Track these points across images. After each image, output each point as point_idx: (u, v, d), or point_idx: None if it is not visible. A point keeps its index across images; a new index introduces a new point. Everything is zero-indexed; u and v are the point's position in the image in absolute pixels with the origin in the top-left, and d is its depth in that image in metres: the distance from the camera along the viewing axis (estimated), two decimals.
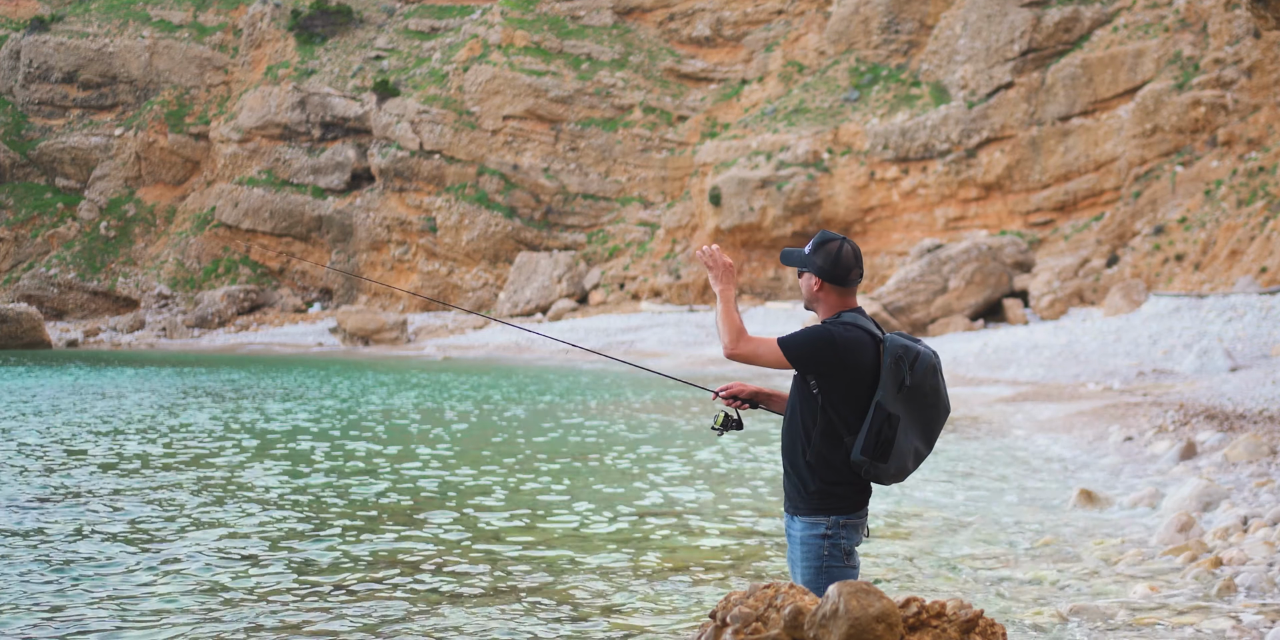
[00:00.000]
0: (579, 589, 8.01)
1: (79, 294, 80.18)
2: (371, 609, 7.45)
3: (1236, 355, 25.07)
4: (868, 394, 4.31)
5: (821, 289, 4.43)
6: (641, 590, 8.00)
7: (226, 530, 10.01)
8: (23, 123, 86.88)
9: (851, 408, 4.30)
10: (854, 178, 62.02)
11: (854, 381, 4.30)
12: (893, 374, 4.30)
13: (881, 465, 4.28)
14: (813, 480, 4.31)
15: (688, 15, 78.52)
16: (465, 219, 73.85)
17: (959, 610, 3.57)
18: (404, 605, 7.55)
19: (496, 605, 7.57)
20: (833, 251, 4.41)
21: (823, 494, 4.30)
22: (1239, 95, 49.02)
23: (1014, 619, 7.06)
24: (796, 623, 3.53)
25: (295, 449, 16.46)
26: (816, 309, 4.48)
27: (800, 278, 4.52)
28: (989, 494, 12.26)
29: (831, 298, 4.44)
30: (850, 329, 4.34)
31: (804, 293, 4.51)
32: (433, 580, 8.26)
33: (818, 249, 4.43)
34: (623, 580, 8.29)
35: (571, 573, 8.50)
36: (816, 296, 4.46)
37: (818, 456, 4.30)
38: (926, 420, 4.40)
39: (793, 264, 4.52)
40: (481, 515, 10.97)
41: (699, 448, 16.96)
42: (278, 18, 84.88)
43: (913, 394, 4.34)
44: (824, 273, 4.40)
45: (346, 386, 31.71)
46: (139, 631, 6.93)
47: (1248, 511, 9.49)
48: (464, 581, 8.23)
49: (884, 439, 4.25)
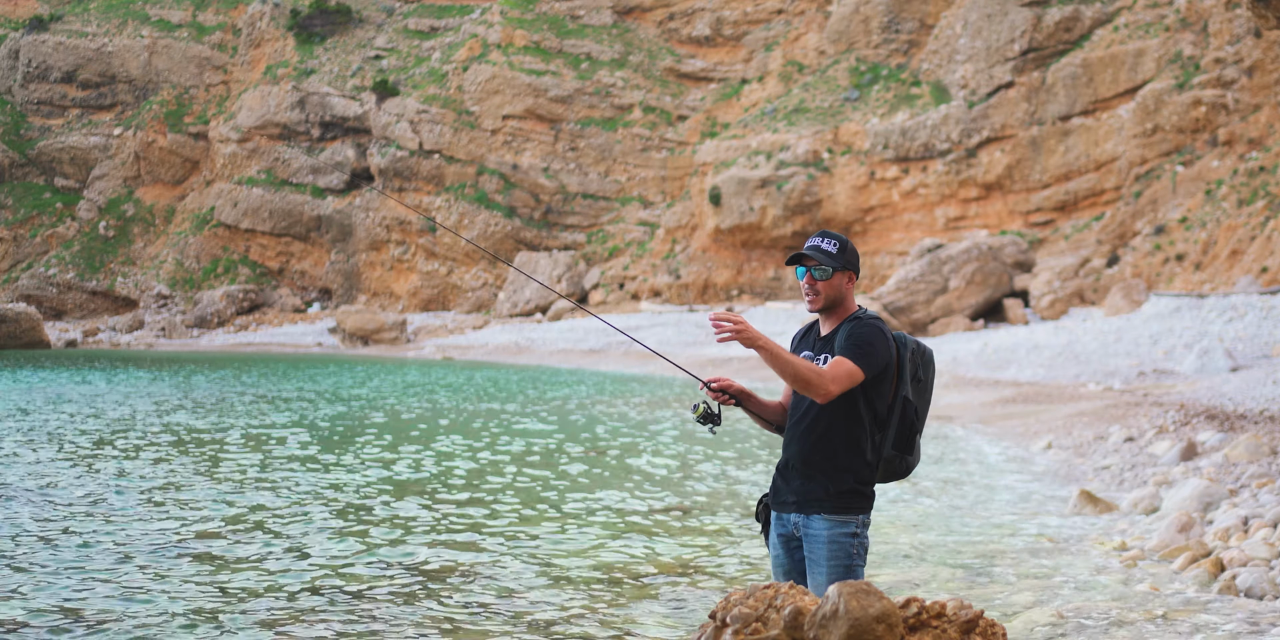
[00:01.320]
0: (576, 590, 7.97)
1: (78, 294, 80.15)
2: (361, 614, 7.41)
3: (1237, 355, 25.04)
4: (891, 388, 4.35)
5: (850, 285, 4.46)
6: (640, 591, 7.97)
7: (227, 530, 9.98)
8: (22, 122, 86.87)
9: (883, 402, 4.34)
10: (854, 177, 62.00)
11: (887, 375, 4.34)
12: (910, 367, 4.38)
13: (909, 458, 4.37)
14: (847, 480, 4.32)
15: (687, 15, 78.51)
16: (465, 219, 73.82)
17: (959, 611, 3.55)
18: (395, 608, 7.51)
19: (492, 607, 7.53)
20: (852, 246, 4.46)
21: (855, 493, 4.32)
22: (1240, 95, 48.99)
23: (1014, 619, 7.04)
24: (796, 623, 3.51)
25: (282, 446, 16.41)
26: (838, 308, 4.45)
27: (829, 280, 4.40)
28: (989, 494, 12.23)
29: (852, 293, 4.49)
30: (883, 322, 4.40)
31: (831, 294, 4.41)
32: (426, 583, 8.22)
33: (845, 246, 4.43)
34: (620, 580, 8.26)
35: (568, 573, 8.46)
36: (845, 294, 4.45)
37: (861, 456, 4.32)
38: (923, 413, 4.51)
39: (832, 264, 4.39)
40: (476, 515, 10.93)
41: (697, 447, 16.93)
42: (277, 17, 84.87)
43: (921, 387, 4.44)
44: (856, 268, 4.44)
45: (346, 384, 31.68)
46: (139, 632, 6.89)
47: (1249, 512, 9.48)
48: (459, 584, 8.19)
49: (912, 431, 4.34)
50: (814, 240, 4.45)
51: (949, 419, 20.81)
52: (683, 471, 14.35)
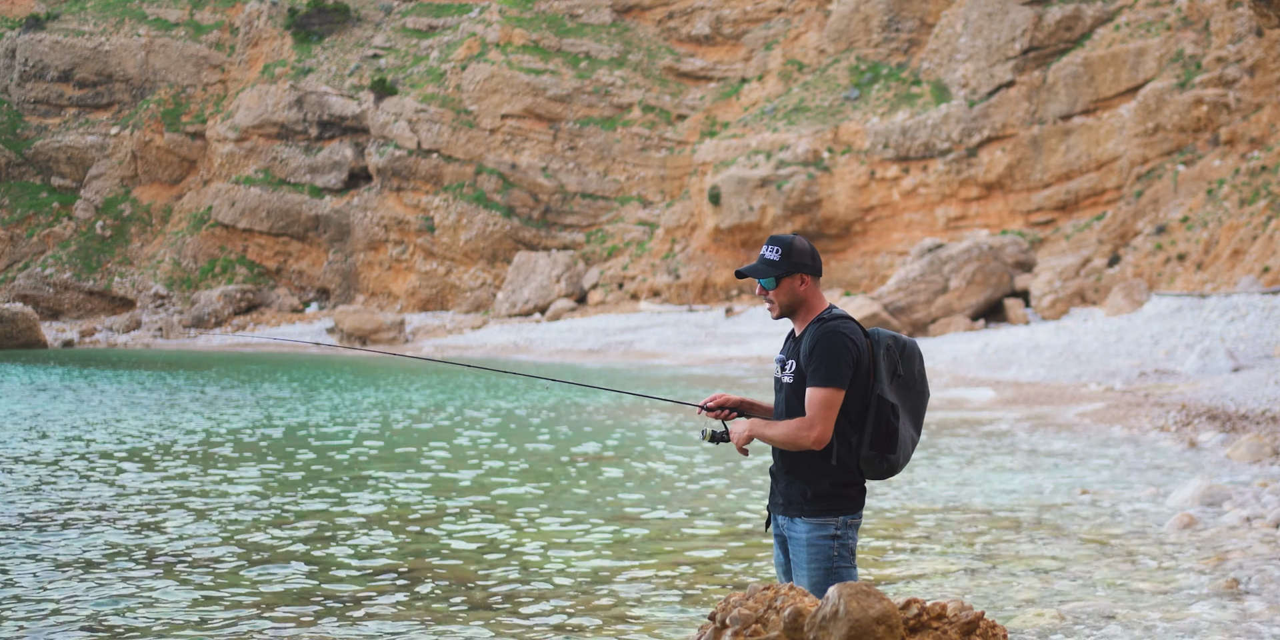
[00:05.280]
0: (576, 592, 7.95)
1: (75, 294, 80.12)
2: (360, 617, 7.35)
3: (1239, 355, 24.97)
4: (865, 387, 4.30)
5: (807, 287, 4.39)
6: (640, 593, 7.93)
7: (224, 532, 9.90)
8: (18, 121, 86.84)
9: (855, 403, 4.30)
10: (854, 177, 61.98)
11: (858, 375, 4.29)
12: (886, 364, 4.33)
13: (891, 457, 4.31)
14: (824, 483, 4.31)
15: (687, 13, 78.49)
16: (463, 218, 73.81)
17: (959, 612, 3.57)
18: (393, 612, 7.45)
19: (492, 611, 7.50)
20: (804, 246, 4.41)
21: (833, 496, 4.32)
22: (1241, 94, 48.95)
23: (1014, 620, 6.97)
24: (796, 624, 3.52)
25: (279, 451, 16.34)
26: (799, 311, 4.41)
27: (776, 288, 4.38)
28: (988, 494, 12.14)
29: (815, 293, 4.42)
30: (848, 321, 4.34)
31: (784, 300, 4.39)
32: (425, 586, 8.17)
33: (790, 249, 4.37)
34: (621, 583, 8.24)
35: (567, 576, 8.44)
36: (803, 297, 4.40)
37: (836, 458, 4.30)
38: (915, 407, 4.43)
39: (771, 274, 4.36)
40: (474, 520, 10.90)
41: (694, 450, 16.86)
42: (275, 16, 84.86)
43: (904, 383, 4.38)
44: (809, 268, 4.37)
45: (345, 385, 31.61)
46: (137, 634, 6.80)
47: (1250, 512, 9.46)
48: (458, 588, 8.14)
49: (890, 429, 4.29)
50: (763, 250, 4.44)
51: (948, 420, 20.71)
52: (683, 472, 14.28)
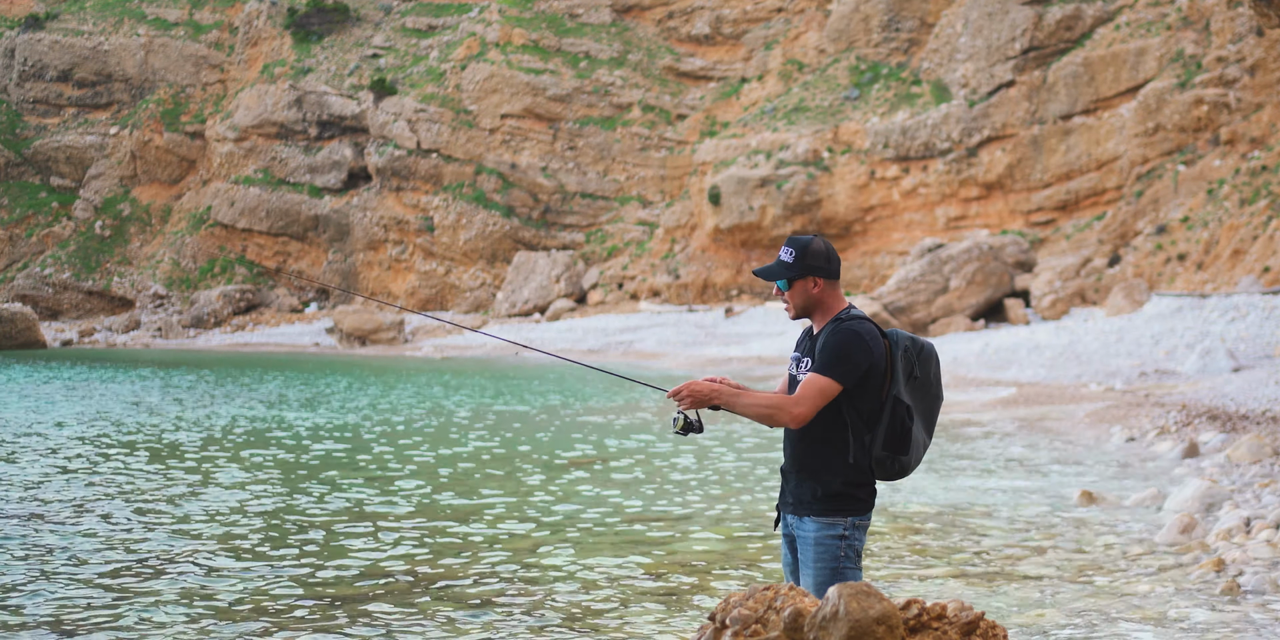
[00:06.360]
0: (575, 593, 7.93)
1: (74, 294, 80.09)
2: (358, 618, 7.32)
3: (1239, 355, 24.94)
4: (880, 387, 4.31)
5: (821, 289, 4.41)
6: (639, 593, 7.92)
7: (219, 531, 9.88)
8: (17, 121, 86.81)
9: (869, 403, 4.31)
10: (854, 177, 61.95)
11: (873, 375, 4.30)
12: (904, 365, 4.34)
13: (903, 458, 4.31)
14: (836, 482, 4.31)
15: (687, 13, 78.47)
16: (463, 218, 73.79)
17: (960, 612, 3.55)
18: (390, 613, 7.43)
19: (492, 612, 7.48)
20: (820, 248, 4.42)
21: (844, 496, 4.32)
22: (1242, 94, 48.93)
23: (1014, 621, 6.96)
24: (796, 625, 3.51)
25: (280, 452, 16.32)
26: (816, 312, 4.43)
27: (790, 289, 4.41)
28: (989, 495, 12.12)
29: (832, 294, 4.43)
30: (865, 322, 4.35)
31: (798, 302, 4.42)
32: (423, 586, 8.14)
33: (804, 252, 4.40)
34: (620, 583, 8.22)
35: (567, 577, 8.42)
36: (819, 299, 4.42)
37: (849, 458, 4.30)
38: (928, 410, 4.43)
39: (785, 275, 4.40)
40: (474, 521, 10.88)
41: (690, 450, 16.83)
42: (274, 16, 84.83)
43: (919, 385, 4.38)
44: (824, 271, 4.39)
45: (343, 386, 31.60)
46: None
47: (1251, 513, 9.44)
48: (456, 586, 8.11)
49: (904, 430, 4.30)
50: (780, 251, 4.48)
51: (948, 420, 20.69)
52: (683, 473, 14.25)
